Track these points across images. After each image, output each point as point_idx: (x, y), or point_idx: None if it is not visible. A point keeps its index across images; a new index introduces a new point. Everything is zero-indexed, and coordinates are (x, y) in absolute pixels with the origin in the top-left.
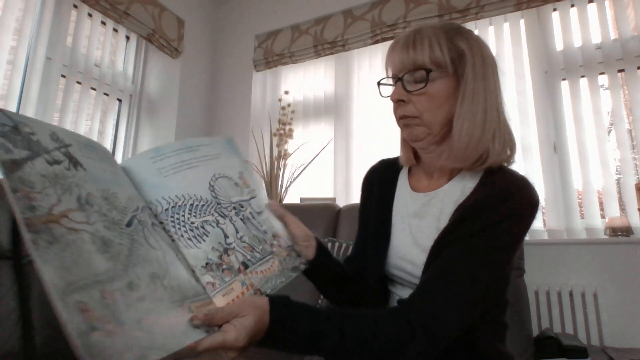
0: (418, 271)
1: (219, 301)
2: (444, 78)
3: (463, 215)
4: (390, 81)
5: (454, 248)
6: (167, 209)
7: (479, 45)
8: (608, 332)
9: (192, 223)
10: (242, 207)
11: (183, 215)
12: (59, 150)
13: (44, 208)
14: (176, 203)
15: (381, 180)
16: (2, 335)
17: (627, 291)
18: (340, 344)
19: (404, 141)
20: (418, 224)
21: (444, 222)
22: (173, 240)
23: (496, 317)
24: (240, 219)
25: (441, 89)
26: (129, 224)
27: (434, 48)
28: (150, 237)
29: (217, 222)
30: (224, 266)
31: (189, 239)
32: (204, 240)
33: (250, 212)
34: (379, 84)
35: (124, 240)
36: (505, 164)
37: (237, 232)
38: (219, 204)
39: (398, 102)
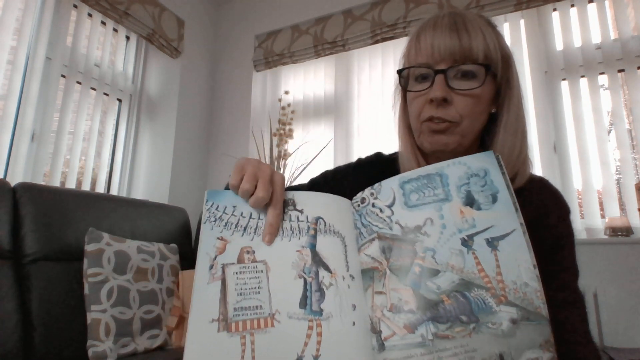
0: None
1: None
2: (491, 80)
3: None
4: (423, 71)
5: None
6: None
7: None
8: (608, 332)
9: None
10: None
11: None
12: None
13: None
14: None
15: (373, 179)
16: (2, 335)
17: (627, 291)
18: None
19: (415, 148)
20: None
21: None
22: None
23: None
24: None
25: (488, 92)
26: None
27: (488, 40)
28: None
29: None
30: None
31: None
32: None
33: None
34: (399, 72)
35: None
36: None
37: None
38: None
39: (441, 101)
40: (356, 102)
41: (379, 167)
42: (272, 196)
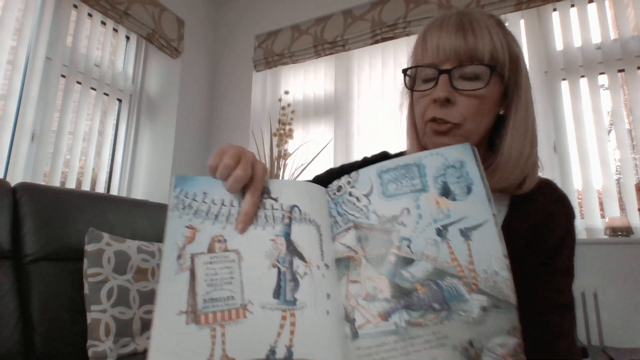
0: None
1: None
2: (497, 81)
3: (523, 241)
4: (429, 71)
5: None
6: None
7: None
8: (608, 332)
9: None
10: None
11: None
12: None
13: None
14: None
15: None
16: (2, 335)
17: (627, 291)
18: None
19: (421, 148)
20: None
21: None
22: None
23: None
24: None
25: (494, 93)
26: None
27: (495, 40)
28: None
29: None
30: None
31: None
32: None
33: None
34: (404, 72)
35: None
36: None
37: None
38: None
39: (444, 101)
40: (356, 102)
41: None
42: (252, 182)
